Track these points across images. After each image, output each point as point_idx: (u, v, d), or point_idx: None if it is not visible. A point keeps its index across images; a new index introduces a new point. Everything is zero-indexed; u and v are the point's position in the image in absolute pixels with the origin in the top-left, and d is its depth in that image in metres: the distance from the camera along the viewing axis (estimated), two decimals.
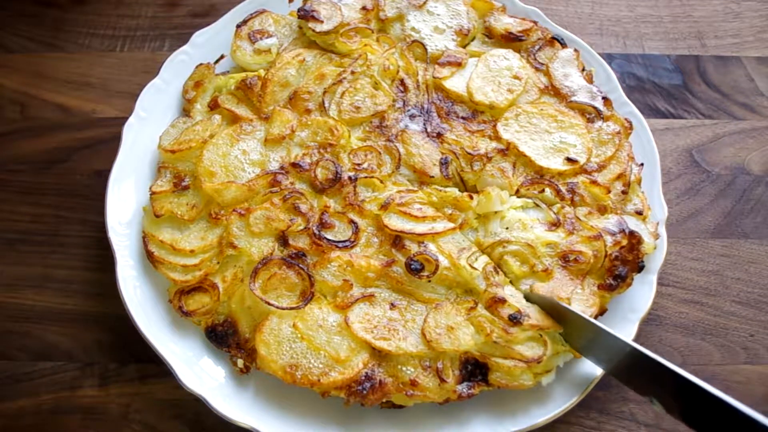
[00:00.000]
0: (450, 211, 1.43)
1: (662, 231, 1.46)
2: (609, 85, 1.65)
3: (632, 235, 1.39)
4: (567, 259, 1.37)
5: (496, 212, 1.42)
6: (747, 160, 1.74)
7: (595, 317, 1.35)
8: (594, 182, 1.45)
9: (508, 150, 1.49)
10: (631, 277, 1.38)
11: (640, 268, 1.39)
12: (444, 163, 1.48)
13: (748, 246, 1.63)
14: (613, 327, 1.38)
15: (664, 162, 1.68)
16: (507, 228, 1.41)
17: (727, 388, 1.46)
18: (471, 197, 1.43)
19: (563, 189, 1.45)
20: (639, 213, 1.45)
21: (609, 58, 1.87)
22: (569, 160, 1.47)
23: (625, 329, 1.38)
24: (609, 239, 1.38)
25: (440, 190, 1.45)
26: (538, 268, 1.37)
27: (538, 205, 1.45)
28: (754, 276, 1.59)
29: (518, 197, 1.46)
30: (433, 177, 1.47)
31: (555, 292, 1.34)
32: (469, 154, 1.49)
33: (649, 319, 1.53)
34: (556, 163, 1.47)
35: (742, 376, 1.49)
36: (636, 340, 1.38)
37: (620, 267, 1.37)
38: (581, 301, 1.34)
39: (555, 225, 1.41)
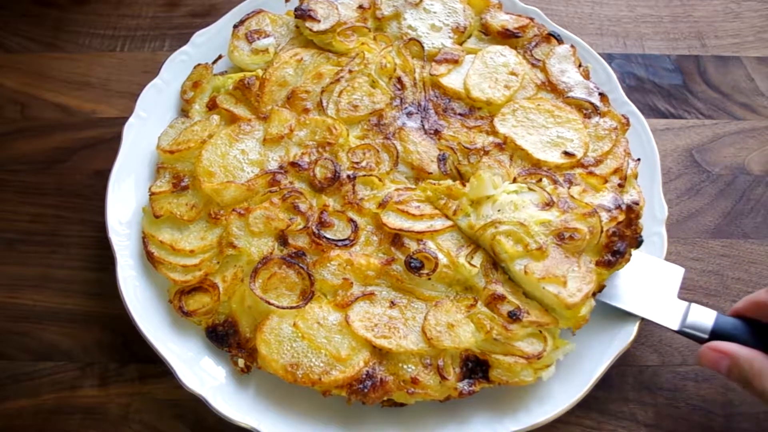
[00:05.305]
0: (444, 201, 1.42)
1: (662, 231, 1.46)
2: (609, 84, 1.65)
3: (630, 209, 1.37)
4: (562, 236, 1.33)
5: (488, 197, 1.40)
6: (747, 160, 1.74)
7: (593, 295, 1.33)
8: (591, 174, 1.45)
9: (505, 144, 1.49)
10: (629, 252, 1.35)
11: (639, 243, 1.37)
12: (441, 160, 1.48)
13: (748, 246, 1.63)
14: (612, 327, 1.39)
15: (664, 162, 1.68)
16: (499, 210, 1.38)
17: (728, 389, 1.46)
18: (463, 184, 1.42)
19: (560, 179, 1.44)
20: (635, 204, 1.43)
21: (609, 58, 1.87)
22: (566, 153, 1.46)
23: (624, 329, 1.38)
24: (605, 215, 1.36)
25: (434, 184, 1.44)
26: (532, 246, 1.33)
27: (532, 189, 1.41)
28: (754, 276, 1.59)
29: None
30: (431, 173, 1.47)
31: (550, 271, 1.31)
32: (467, 148, 1.48)
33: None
34: (554, 157, 1.46)
35: None
36: (636, 340, 1.38)
37: (618, 242, 1.34)
38: (578, 279, 1.30)
39: (548, 205, 1.38)
